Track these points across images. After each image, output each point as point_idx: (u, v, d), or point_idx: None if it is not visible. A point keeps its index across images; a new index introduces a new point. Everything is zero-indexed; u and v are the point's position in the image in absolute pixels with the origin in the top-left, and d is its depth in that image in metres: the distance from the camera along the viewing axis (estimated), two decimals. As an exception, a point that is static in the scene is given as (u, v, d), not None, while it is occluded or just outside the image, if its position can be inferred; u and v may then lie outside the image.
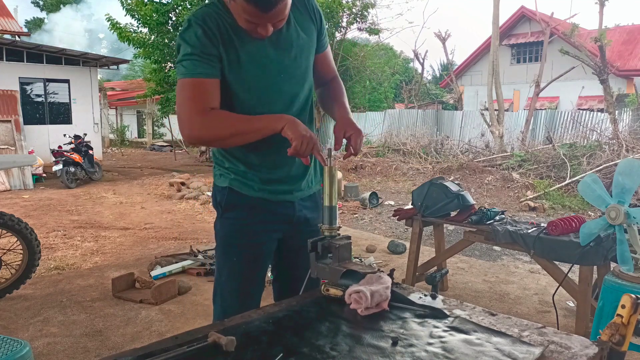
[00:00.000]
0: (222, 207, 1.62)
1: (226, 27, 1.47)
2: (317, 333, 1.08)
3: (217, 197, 1.63)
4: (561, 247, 3.09)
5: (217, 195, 1.64)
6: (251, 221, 1.60)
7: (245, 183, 1.59)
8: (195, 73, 1.44)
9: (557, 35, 15.41)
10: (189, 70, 1.45)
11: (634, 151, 8.89)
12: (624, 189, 2.31)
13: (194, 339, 1.04)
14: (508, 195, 8.67)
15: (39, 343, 3.09)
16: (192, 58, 1.44)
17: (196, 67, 1.44)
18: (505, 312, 3.31)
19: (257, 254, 1.64)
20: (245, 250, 1.61)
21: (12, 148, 10.81)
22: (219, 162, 1.65)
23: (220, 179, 1.63)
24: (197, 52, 1.44)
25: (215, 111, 1.46)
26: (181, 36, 1.47)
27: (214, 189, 1.68)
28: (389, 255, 5.31)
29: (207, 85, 1.46)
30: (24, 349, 1.92)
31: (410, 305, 1.21)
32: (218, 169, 1.65)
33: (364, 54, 17.19)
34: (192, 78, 1.44)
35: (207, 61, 1.45)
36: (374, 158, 12.74)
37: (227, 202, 1.60)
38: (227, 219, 1.62)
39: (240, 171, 1.59)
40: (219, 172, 1.64)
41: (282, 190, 1.62)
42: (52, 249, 5.41)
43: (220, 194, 1.62)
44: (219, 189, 1.63)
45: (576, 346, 1.03)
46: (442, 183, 3.82)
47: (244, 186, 1.59)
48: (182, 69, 1.46)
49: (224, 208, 1.61)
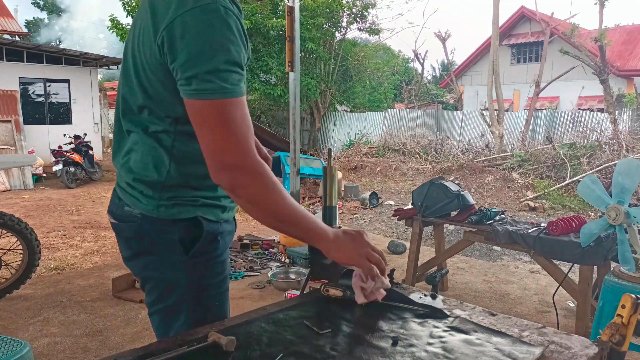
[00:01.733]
0: (187, 244, 1.22)
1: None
2: (317, 333, 1.08)
3: (175, 234, 1.21)
4: (561, 247, 3.09)
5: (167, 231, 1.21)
6: (222, 250, 1.30)
7: (216, 206, 1.27)
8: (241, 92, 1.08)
9: (557, 35, 15.41)
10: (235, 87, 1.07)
11: (634, 151, 8.89)
12: (623, 189, 2.31)
13: (194, 339, 1.04)
14: (508, 195, 8.67)
15: (39, 343, 3.09)
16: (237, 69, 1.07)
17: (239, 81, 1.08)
18: (505, 312, 3.31)
19: (228, 288, 1.35)
20: (224, 287, 1.32)
21: (12, 148, 10.81)
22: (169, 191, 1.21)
23: (175, 209, 1.21)
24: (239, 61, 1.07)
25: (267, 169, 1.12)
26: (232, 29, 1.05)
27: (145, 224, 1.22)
28: (389, 255, 5.31)
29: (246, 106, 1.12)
30: (24, 349, 1.92)
31: (410, 305, 1.21)
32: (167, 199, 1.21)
33: (364, 54, 17.18)
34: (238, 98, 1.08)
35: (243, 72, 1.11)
36: (374, 158, 12.74)
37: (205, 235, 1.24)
38: (198, 257, 1.24)
39: (209, 196, 1.25)
40: (168, 202, 1.21)
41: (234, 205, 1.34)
42: (52, 249, 5.41)
43: (180, 229, 1.21)
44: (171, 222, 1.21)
45: (576, 346, 1.03)
46: (442, 183, 3.82)
47: (215, 210, 1.26)
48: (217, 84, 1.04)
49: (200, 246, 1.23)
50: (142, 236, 1.24)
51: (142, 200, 1.23)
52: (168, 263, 1.23)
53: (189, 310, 1.25)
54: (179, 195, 1.22)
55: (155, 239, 1.23)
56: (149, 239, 1.23)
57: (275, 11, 14.55)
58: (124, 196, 1.26)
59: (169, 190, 1.21)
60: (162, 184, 1.21)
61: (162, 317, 1.27)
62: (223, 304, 1.32)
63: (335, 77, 16.39)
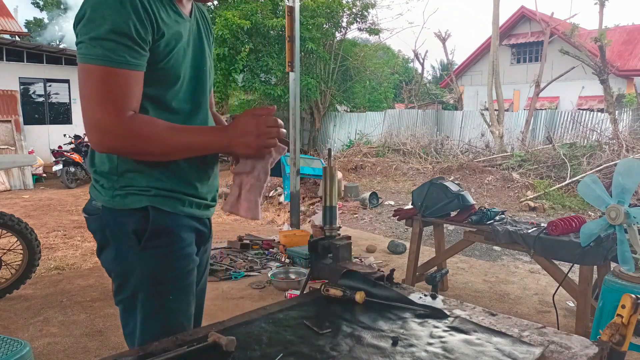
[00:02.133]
0: (141, 235, 1.22)
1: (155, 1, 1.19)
2: (317, 333, 1.08)
3: (129, 225, 1.22)
4: (561, 247, 3.09)
5: (123, 222, 1.23)
6: (182, 244, 1.28)
7: (171, 198, 1.26)
8: (121, 61, 1.12)
9: (557, 35, 15.41)
10: (110, 55, 1.11)
11: (634, 151, 8.89)
12: (623, 189, 2.31)
13: (194, 339, 1.04)
14: (508, 195, 8.67)
15: (39, 343, 3.09)
16: (117, 39, 1.11)
17: (122, 52, 1.11)
18: (505, 312, 3.31)
19: (192, 283, 1.33)
20: (184, 282, 1.29)
21: (12, 148, 10.81)
22: (122, 180, 1.24)
23: (129, 199, 1.23)
24: (127, 32, 1.11)
25: (141, 117, 1.17)
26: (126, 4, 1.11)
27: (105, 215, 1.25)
28: (389, 255, 5.31)
29: (132, 79, 1.15)
30: (24, 349, 1.92)
31: (410, 305, 1.21)
32: (120, 188, 1.24)
33: (364, 54, 17.19)
34: (115, 67, 1.11)
35: (138, 48, 1.14)
36: (374, 158, 12.74)
37: (154, 226, 1.23)
38: (153, 249, 1.23)
39: (164, 187, 1.25)
40: (122, 192, 1.23)
41: (206, 205, 1.37)
42: (52, 249, 5.41)
43: (134, 219, 1.22)
44: (127, 212, 1.22)
45: (576, 346, 1.03)
46: (442, 183, 3.82)
47: (171, 202, 1.26)
48: (99, 51, 1.10)
49: (148, 235, 1.22)
50: (103, 228, 1.26)
51: (101, 192, 1.26)
52: (125, 254, 1.25)
53: (142, 302, 1.25)
54: (132, 185, 1.23)
55: (114, 231, 1.24)
56: (109, 231, 1.25)
57: (275, 11, 14.55)
58: (91, 191, 1.31)
59: (122, 179, 1.24)
60: (116, 173, 1.24)
61: (121, 308, 1.30)
62: (181, 299, 1.29)
63: (335, 77, 16.40)
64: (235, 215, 1.26)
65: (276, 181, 9.93)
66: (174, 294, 1.27)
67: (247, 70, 14.85)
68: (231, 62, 13.86)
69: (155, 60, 1.20)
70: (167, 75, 1.24)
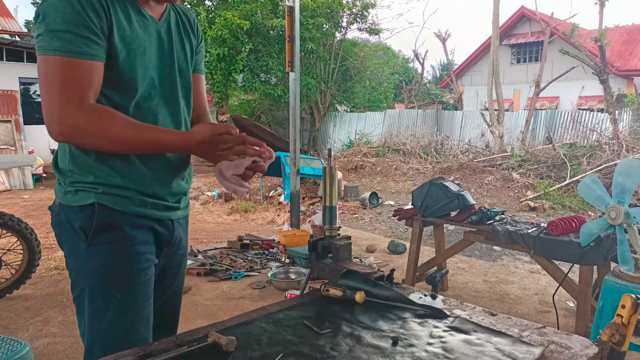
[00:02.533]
0: (88, 231, 1.23)
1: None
2: (317, 333, 1.08)
3: (78, 222, 1.23)
4: (561, 247, 3.09)
5: (72, 219, 1.24)
6: (131, 242, 1.26)
7: (121, 196, 1.25)
8: (77, 51, 1.13)
9: (557, 35, 15.41)
10: (67, 45, 1.12)
11: (634, 151, 8.89)
12: (623, 189, 2.31)
13: (194, 339, 1.04)
14: (508, 195, 8.67)
15: (39, 343, 3.09)
16: (73, 30, 1.12)
17: (78, 43, 1.13)
18: (505, 312, 3.31)
19: (146, 283, 1.30)
20: (133, 281, 1.26)
21: (12, 148, 10.81)
22: (72, 175, 1.25)
23: (78, 195, 1.24)
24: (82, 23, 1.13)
25: (98, 107, 1.17)
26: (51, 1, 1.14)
27: (60, 212, 1.27)
28: (389, 255, 5.31)
29: (91, 69, 1.16)
30: (24, 349, 1.92)
31: (410, 305, 1.21)
32: (70, 184, 1.25)
33: (364, 54, 17.19)
34: (71, 57, 1.13)
35: (95, 37, 1.15)
36: (374, 158, 12.74)
37: (99, 223, 1.22)
38: (99, 246, 1.23)
39: (113, 184, 1.25)
40: (72, 187, 1.25)
41: (164, 206, 1.34)
42: (52, 249, 5.41)
43: (81, 216, 1.23)
44: (76, 209, 1.24)
45: (576, 346, 1.03)
46: (442, 183, 3.82)
47: (120, 200, 1.25)
48: (56, 43, 1.12)
49: (94, 231, 1.22)
50: (59, 225, 1.29)
51: (57, 190, 1.30)
52: (75, 251, 1.26)
53: (89, 300, 1.26)
54: (81, 181, 1.25)
55: (66, 227, 1.26)
56: (63, 227, 1.27)
57: (275, 11, 14.55)
58: (55, 188, 1.33)
59: (73, 176, 1.26)
60: (68, 170, 1.26)
61: (76, 306, 1.31)
62: (133, 298, 1.26)
63: (335, 77, 16.40)
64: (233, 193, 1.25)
65: (276, 181, 9.93)
66: (123, 293, 1.25)
67: (247, 70, 14.85)
68: (231, 62, 13.86)
69: (110, 56, 1.19)
70: (121, 75, 1.22)
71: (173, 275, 1.47)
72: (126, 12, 1.23)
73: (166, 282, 1.44)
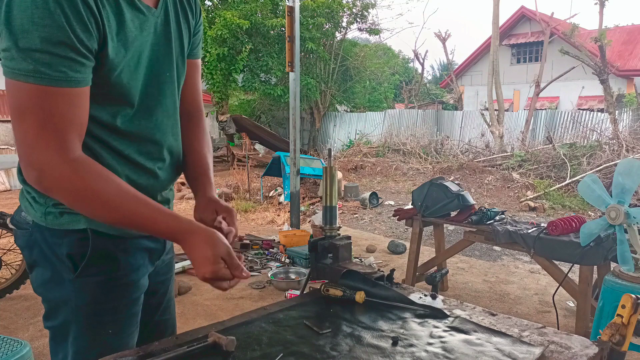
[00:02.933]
0: (77, 261, 1.06)
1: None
2: (317, 333, 1.08)
3: (63, 248, 1.06)
4: (561, 247, 3.09)
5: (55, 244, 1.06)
6: (126, 271, 1.12)
7: None
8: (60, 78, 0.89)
9: (557, 35, 15.41)
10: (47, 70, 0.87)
11: (634, 151, 8.89)
12: (624, 189, 2.31)
13: (194, 339, 1.04)
14: (508, 195, 8.67)
15: (39, 343, 3.09)
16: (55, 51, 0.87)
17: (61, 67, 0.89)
18: (505, 312, 3.31)
19: (135, 313, 1.17)
20: (125, 314, 1.14)
21: (12, 148, 10.82)
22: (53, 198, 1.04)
23: (64, 218, 1.05)
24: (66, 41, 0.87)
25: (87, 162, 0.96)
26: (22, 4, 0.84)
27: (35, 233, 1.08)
28: (389, 255, 5.31)
29: (77, 99, 0.93)
30: (24, 349, 1.92)
31: (410, 305, 1.21)
32: (53, 206, 1.05)
33: (364, 54, 17.20)
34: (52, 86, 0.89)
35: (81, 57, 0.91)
36: (374, 158, 12.74)
37: (93, 252, 1.06)
38: (90, 277, 1.07)
39: None
40: (56, 209, 1.05)
41: None
42: (52, 249, 5.41)
43: (69, 242, 1.06)
44: (61, 233, 1.06)
45: (576, 346, 1.03)
46: (442, 183, 3.82)
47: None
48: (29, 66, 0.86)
49: (87, 262, 1.06)
50: (32, 247, 1.09)
51: (33, 206, 1.08)
52: (56, 279, 1.08)
53: (75, 335, 1.10)
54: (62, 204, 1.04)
55: (45, 252, 1.08)
56: (39, 250, 1.08)
57: (275, 11, 14.56)
58: (20, 199, 1.14)
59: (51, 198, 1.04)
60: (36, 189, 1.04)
61: (51, 335, 1.14)
62: (121, 332, 1.14)
63: (335, 77, 16.41)
64: None
65: (276, 181, 9.93)
66: (114, 328, 1.12)
67: (247, 70, 14.86)
68: (231, 62, 13.87)
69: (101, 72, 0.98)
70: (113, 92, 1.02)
71: (166, 281, 1.35)
72: (119, 12, 0.99)
73: (160, 292, 1.33)
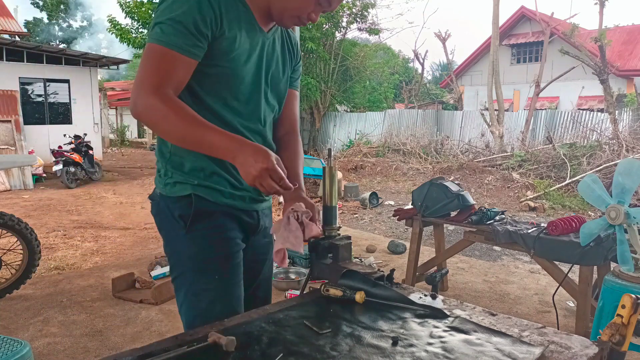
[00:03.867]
0: (186, 220, 1.36)
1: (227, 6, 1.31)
2: (317, 333, 1.08)
3: (177, 211, 1.37)
4: (561, 247, 3.09)
5: (172, 208, 1.38)
6: (224, 228, 1.40)
7: (213, 189, 1.38)
8: (173, 43, 1.23)
9: (557, 35, 15.41)
10: (166, 37, 1.23)
11: (634, 151, 8.89)
12: (624, 189, 2.31)
13: (194, 339, 1.04)
14: (508, 195, 8.67)
15: (39, 343, 3.09)
16: (176, 26, 1.22)
17: (177, 37, 1.23)
18: (505, 312, 3.31)
19: (238, 265, 1.43)
20: (228, 263, 1.39)
21: (12, 148, 10.81)
22: (173, 164, 1.38)
23: (176, 187, 1.37)
24: (185, 22, 1.23)
25: (171, 99, 1.23)
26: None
27: (161, 202, 1.40)
28: (389, 255, 5.31)
29: (180, 63, 1.25)
30: (24, 349, 1.92)
31: (410, 305, 1.21)
32: (172, 174, 1.38)
33: (364, 54, 17.18)
34: (166, 47, 1.23)
35: (194, 38, 1.25)
36: (374, 158, 12.74)
37: (196, 212, 1.36)
38: (197, 232, 1.36)
39: (206, 174, 1.37)
40: (171, 180, 1.38)
41: (250, 197, 1.45)
42: (52, 249, 5.41)
43: (179, 206, 1.37)
44: (175, 199, 1.37)
45: (576, 346, 1.03)
46: (442, 183, 3.82)
47: (213, 192, 1.38)
48: (158, 33, 1.23)
49: (192, 219, 1.36)
50: (159, 213, 1.42)
51: (158, 181, 1.43)
52: (175, 236, 1.39)
53: (191, 280, 1.37)
54: (180, 171, 1.37)
55: (167, 215, 1.39)
56: (164, 215, 1.40)
57: (275, 11, 14.53)
58: (155, 179, 1.46)
59: (172, 170, 1.38)
60: (168, 165, 1.39)
61: (175, 287, 1.42)
62: (226, 278, 1.38)
63: (335, 77, 16.39)
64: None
65: (276, 181, 9.91)
66: (220, 274, 1.37)
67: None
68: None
69: (216, 56, 1.29)
70: (226, 72, 1.33)
71: (261, 261, 1.57)
72: (238, 21, 1.32)
73: (256, 269, 1.55)
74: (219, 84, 1.34)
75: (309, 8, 1.35)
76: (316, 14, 1.37)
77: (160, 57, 1.23)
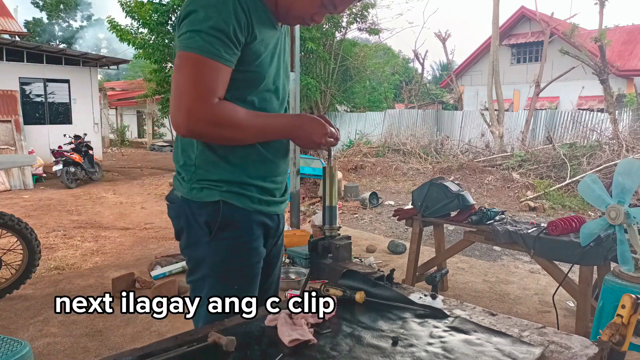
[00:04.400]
0: (212, 227, 1.34)
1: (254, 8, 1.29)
2: (317, 333, 1.08)
3: (202, 217, 1.34)
4: (561, 247, 3.09)
5: (197, 214, 1.35)
6: (249, 238, 1.38)
7: (242, 194, 1.36)
8: (216, 54, 1.21)
9: (557, 35, 15.41)
10: (208, 47, 1.20)
11: (634, 151, 8.88)
12: (624, 189, 2.31)
13: (194, 339, 1.04)
14: (508, 195, 8.67)
15: (39, 343, 3.09)
16: (217, 35, 1.20)
17: (219, 47, 1.21)
18: (505, 312, 3.31)
19: (256, 275, 1.43)
20: (248, 274, 1.40)
21: (12, 148, 10.81)
22: (199, 173, 1.36)
23: (204, 192, 1.34)
24: (226, 30, 1.21)
25: (224, 103, 1.26)
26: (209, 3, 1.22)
27: (183, 205, 1.37)
28: (389, 255, 5.31)
29: (223, 73, 1.24)
30: (24, 349, 1.92)
31: (410, 305, 1.21)
32: (198, 181, 1.36)
33: (364, 54, 17.17)
34: (209, 58, 1.21)
35: (233, 46, 1.24)
36: (374, 158, 12.73)
37: (223, 219, 1.33)
38: (222, 240, 1.34)
39: (236, 181, 1.36)
40: (198, 185, 1.35)
41: (274, 201, 1.46)
42: (52, 249, 5.41)
43: (207, 212, 1.34)
44: (202, 205, 1.34)
45: (576, 346, 1.03)
46: (442, 183, 3.82)
47: (241, 198, 1.36)
48: (198, 42, 1.20)
49: (218, 227, 1.33)
50: (179, 216, 1.39)
51: (181, 184, 1.39)
52: (197, 242, 1.37)
53: (210, 286, 1.37)
54: (207, 179, 1.35)
55: (189, 220, 1.36)
56: (185, 219, 1.37)
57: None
58: (174, 181, 1.45)
59: (197, 171, 1.36)
60: (193, 164, 1.37)
61: (191, 288, 1.43)
62: (245, 290, 1.39)
63: (335, 77, 16.38)
64: None
65: (276, 181, 9.91)
66: (238, 284, 1.37)
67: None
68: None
69: (247, 61, 1.30)
70: (254, 76, 1.35)
71: (274, 264, 1.57)
72: (262, 23, 1.32)
73: (268, 271, 1.54)
74: (247, 88, 1.34)
75: (313, 10, 1.36)
76: (320, 16, 1.39)
77: (206, 69, 1.21)
